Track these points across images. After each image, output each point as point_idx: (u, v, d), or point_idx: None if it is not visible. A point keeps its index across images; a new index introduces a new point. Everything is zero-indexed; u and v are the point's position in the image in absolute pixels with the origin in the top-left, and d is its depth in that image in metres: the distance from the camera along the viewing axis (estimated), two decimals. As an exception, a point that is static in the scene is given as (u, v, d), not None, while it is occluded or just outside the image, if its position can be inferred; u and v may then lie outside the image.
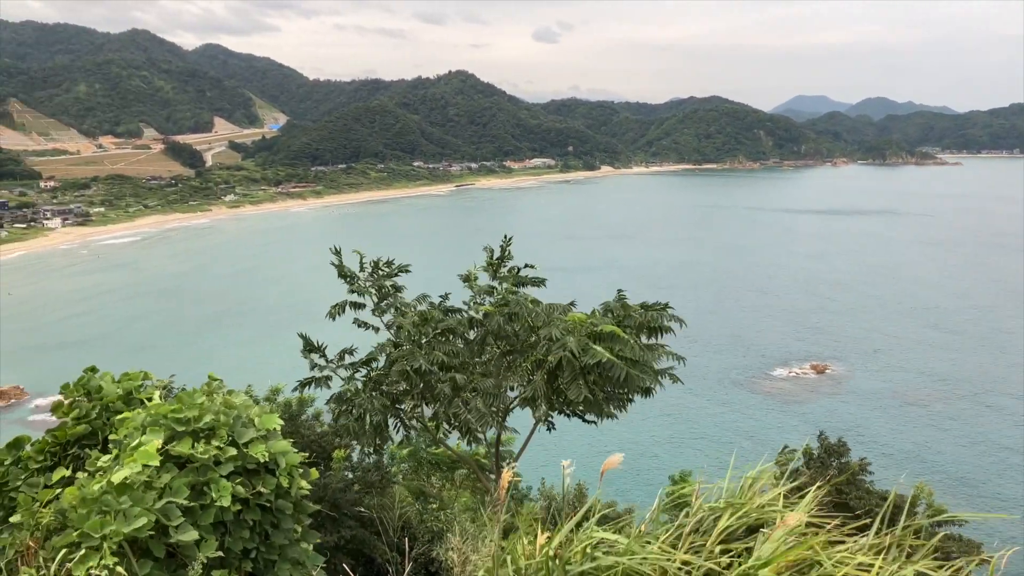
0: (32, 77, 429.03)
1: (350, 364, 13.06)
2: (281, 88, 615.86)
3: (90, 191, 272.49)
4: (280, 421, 7.12)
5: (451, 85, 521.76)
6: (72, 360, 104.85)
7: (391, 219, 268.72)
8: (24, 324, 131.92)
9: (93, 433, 7.30)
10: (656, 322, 12.79)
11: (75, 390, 7.49)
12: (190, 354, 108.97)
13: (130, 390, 7.53)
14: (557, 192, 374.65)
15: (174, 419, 6.51)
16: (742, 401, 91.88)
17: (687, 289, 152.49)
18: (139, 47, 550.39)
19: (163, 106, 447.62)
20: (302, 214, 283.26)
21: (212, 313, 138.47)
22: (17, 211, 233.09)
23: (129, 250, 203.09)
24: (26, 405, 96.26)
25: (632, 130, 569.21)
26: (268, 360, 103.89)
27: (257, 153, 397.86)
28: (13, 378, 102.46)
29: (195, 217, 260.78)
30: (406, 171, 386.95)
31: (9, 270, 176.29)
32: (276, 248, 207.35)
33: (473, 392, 12.18)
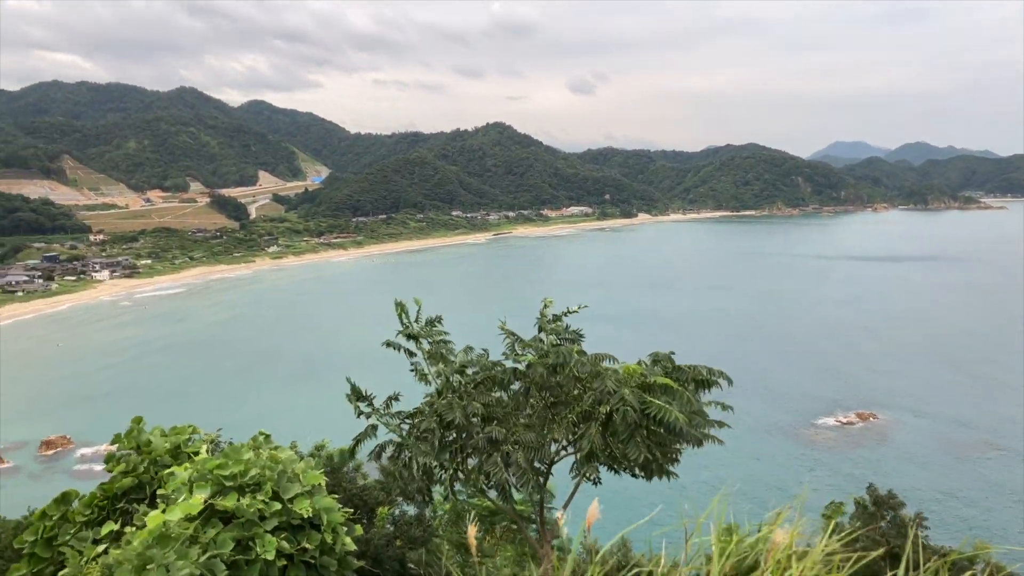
0: (85, 135, 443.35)
1: (396, 412, 12.97)
2: (323, 142, 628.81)
3: (138, 244, 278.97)
4: (324, 478, 7.11)
5: (489, 136, 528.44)
6: (117, 410, 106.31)
7: (429, 267, 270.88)
8: (72, 374, 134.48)
9: (141, 487, 7.36)
10: (704, 377, 12.63)
11: (125, 442, 7.57)
12: (232, 404, 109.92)
13: (178, 444, 7.60)
14: (593, 240, 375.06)
15: (220, 474, 6.54)
16: (786, 451, 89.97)
17: (728, 337, 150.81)
18: (187, 104, 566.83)
19: (209, 161, 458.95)
20: (342, 264, 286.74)
21: (252, 363, 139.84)
22: (68, 264, 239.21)
23: (173, 301, 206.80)
24: (72, 454, 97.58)
25: (669, 178, 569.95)
26: (310, 409, 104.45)
27: (300, 205, 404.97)
28: (61, 427, 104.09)
29: (239, 268, 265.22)
30: (445, 220, 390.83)
31: (59, 322, 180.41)
32: (316, 298, 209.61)
33: (515, 445, 12.01)
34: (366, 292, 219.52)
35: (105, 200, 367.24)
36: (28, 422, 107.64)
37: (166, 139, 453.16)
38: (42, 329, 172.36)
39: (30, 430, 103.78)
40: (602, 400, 11.68)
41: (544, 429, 12.35)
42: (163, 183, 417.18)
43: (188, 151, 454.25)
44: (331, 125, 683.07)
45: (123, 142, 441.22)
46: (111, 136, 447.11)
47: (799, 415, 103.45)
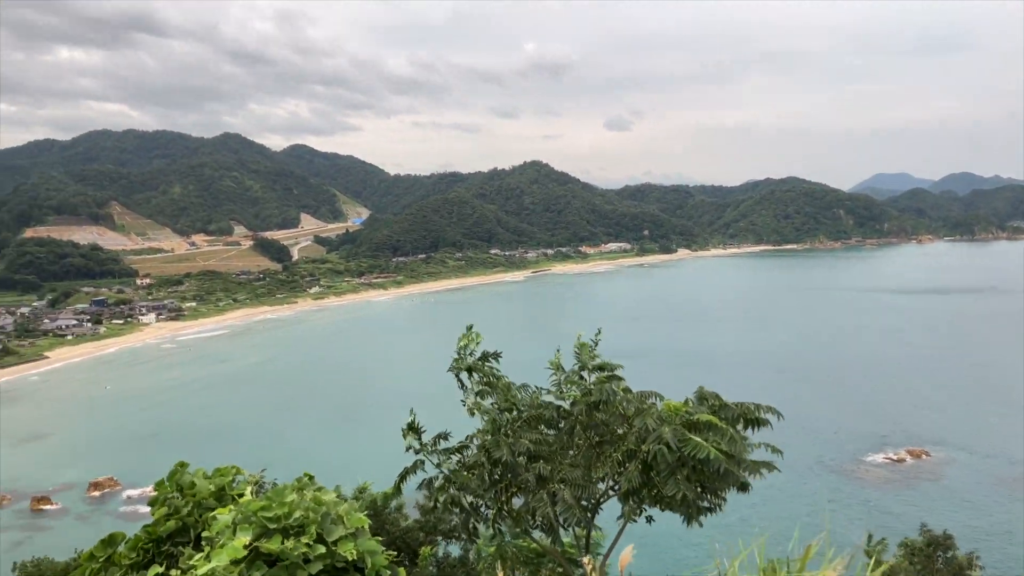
0: (132, 181, 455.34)
1: (444, 449, 12.88)
2: (364, 184, 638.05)
3: (183, 287, 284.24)
4: (367, 520, 7.03)
5: (526, 175, 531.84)
6: (162, 451, 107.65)
7: (468, 305, 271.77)
8: (119, 415, 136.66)
9: (185, 529, 7.34)
10: (752, 414, 12.28)
11: (168, 486, 7.57)
12: (274, 444, 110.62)
13: (222, 486, 7.57)
14: (632, 276, 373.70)
15: (264, 516, 6.49)
16: (835, 488, 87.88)
17: (768, 372, 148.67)
18: (230, 149, 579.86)
19: (252, 204, 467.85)
20: (383, 303, 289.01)
21: (292, 402, 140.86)
22: (115, 308, 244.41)
23: (217, 343, 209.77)
24: (119, 496, 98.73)
25: (708, 212, 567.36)
26: (350, 449, 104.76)
27: (341, 246, 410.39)
28: (108, 469, 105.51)
29: (281, 309, 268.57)
30: (483, 259, 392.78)
31: (107, 364, 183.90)
32: (356, 337, 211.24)
33: (561, 483, 11.82)
34: (405, 332, 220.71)
35: (151, 244, 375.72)
36: (77, 463, 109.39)
37: (210, 184, 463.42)
38: (91, 372, 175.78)
39: (79, 472, 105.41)
40: (645, 438, 11.46)
41: (590, 468, 12.14)
42: (208, 227, 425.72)
43: (232, 195, 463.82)
44: (371, 167, 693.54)
45: (169, 187, 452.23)
46: (157, 182, 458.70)
47: (846, 452, 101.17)
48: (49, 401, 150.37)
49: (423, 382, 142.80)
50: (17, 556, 21.01)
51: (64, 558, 18.86)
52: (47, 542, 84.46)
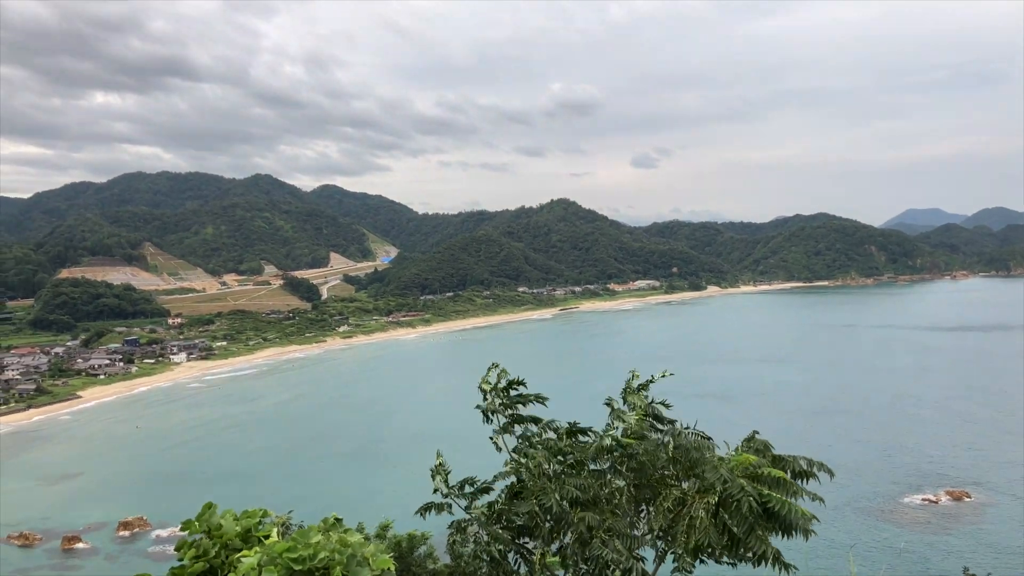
0: (165, 222, 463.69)
1: (469, 493, 12.64)
2: (392, 223, 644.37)
3: (214, 326, 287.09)
4: (393, 563, 6.91)
5: (553, 213, 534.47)
6: (191, 491, 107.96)
7: (495, 343, 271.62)
8: (149, 455, 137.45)
9: (212, 571, 7.25)
10: (804, 468, 12.05)
11: (195, 527, 7.50)
12: (301, 483, 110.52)
13: (249, 528, 7.49)
14: (660, 313, 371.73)
15: (289, 557, 6.39)
16: (869, 530, 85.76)
17: (796, 411, 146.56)
18: (262, 190, 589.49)
19: (283, 244, 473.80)
20: (410, 341, 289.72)
21: (319, 443, 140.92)
22: (147, 347, 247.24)
23: (246, 382, 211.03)
24: (148, 536, 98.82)
25: (738, 249, 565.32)
26: (374, 487, 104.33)
27: (370, 285, 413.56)
28: (138, 508, 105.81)
29: (311, 348, 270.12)
30: (511, 297, 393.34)
31: (138, 403, 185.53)
32: (383, 376, 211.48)
33: (608, 533, 11.54)
34: (432, 370, 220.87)
35: (183, 284, 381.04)
36: (107, 503, 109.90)
37: (242, 224, 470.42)
38: (122, 411, 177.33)
39: (109, 511, 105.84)
40: (708, 488, 11.16)
41: (632, 514, 11.88)
42: (239, 267, 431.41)
43: (263, 235, 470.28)
44: (399, 206, 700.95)
45: (201, 228, 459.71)
46: (190, 223, 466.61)
47: (881, 492, 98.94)
48: (80, 440, 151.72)
49: (449, 420, 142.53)
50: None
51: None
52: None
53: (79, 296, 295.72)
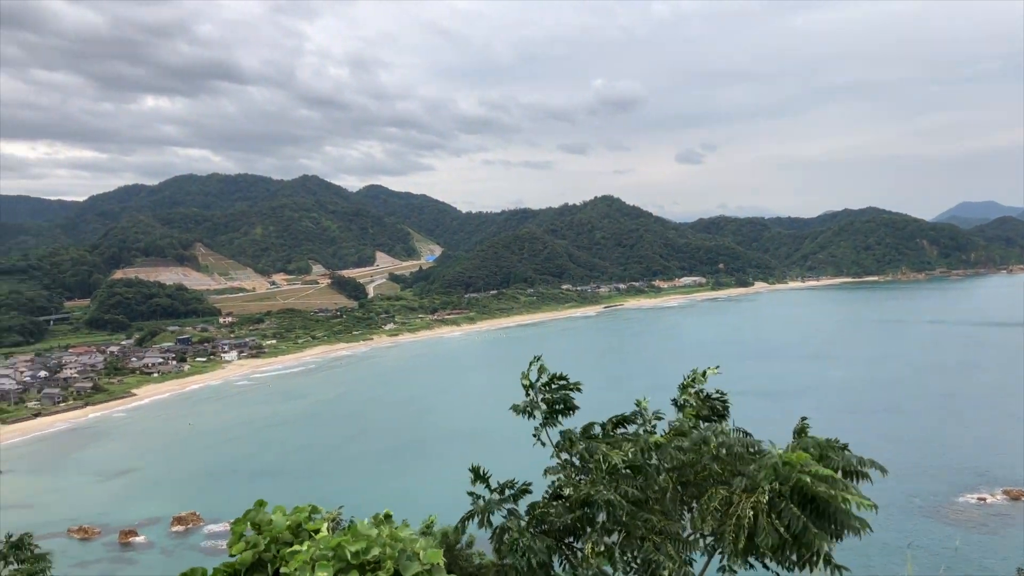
0: (215, 223, 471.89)
1: (511, 496, 12.73)
2: (436, 222, 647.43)
3: (263, 325, 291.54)
4: (442, 556, 7.10)
5: (597, 209, 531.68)
6: (241, 487, 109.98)
7: (539, 340, 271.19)
8: (201, 451, 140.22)
9: (262, 564, 7.50)
10: (854, 467, 11.82)
11: (246, 523, 7.78)
12: (350, 479, 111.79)
13: (298, 522, 7.75)
14: (706, 310, 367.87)
15: (342, 552, 6.62)
16: (926, 532, 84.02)
17: (857, 407, 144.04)
18: (309, 191, 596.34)
19: (330, 243, 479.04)
20: (455, 339, 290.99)
21: (365, 439, 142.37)
22: (199, 346, 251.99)
23: (296, 379, 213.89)
24: (201, 531, 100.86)
25: (785, 245, 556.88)
26: (424, 484, 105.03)
27: (415, 283, 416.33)
28: (191, 504, 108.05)
29: (358, 346, 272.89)
30: (555, 294, 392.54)
31: (190, 401, 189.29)
32: (428, 373, 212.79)
33: (659, 536, 11.57)
34: (476, 367, 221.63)
35: (233, 284, 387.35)
36: (161, 498, 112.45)
37: (290, 225, 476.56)
38: (175, 408, 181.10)
39: (163, 506, 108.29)
40: (756, 487, 11.06)
41: (679, 514, 11.86)
42: (287, 266, 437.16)
43: (310, 235, 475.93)
44: (443, 205, 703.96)
45: (250, 229, 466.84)
46: (239, 224, 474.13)
47: (935, 491, 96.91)
48: (135, 437, 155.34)
49: (493, 417, 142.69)
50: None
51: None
52: (134, 574, 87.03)
53: (133, 296, 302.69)
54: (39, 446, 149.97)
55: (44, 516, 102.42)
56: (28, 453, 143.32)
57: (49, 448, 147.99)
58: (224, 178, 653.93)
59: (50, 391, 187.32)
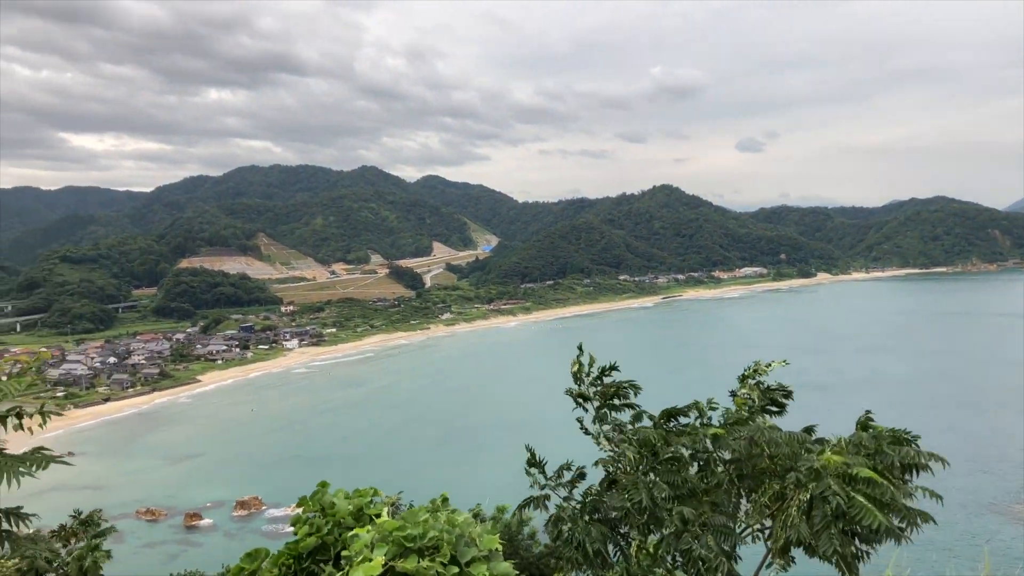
0: (277, 213, 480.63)
1: (567, 482, 12.61)
2: (493, 212, 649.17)
3: (323, 314, 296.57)
4: (500, 543, 7.01)
5: (655, 199, 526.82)
6: (302, 473, 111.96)
7: (595, 331, 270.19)
8: (262, 437, 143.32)
9: (325, 548, 7.54)
10: (913, 460, 11.32)
11: (311, 505, 7.80)
12: (407, 465, 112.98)
13: (360, 506, 7.73)
14: (766, 301, 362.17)
15: (400, 536, 6.58)
16: (994, 529, 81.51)
17: (924, 401, 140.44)
18: (368, 182, 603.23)
19: (388, 234, 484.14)
20: (511, 329, 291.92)
21: (420, 426, 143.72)
22: (261, 333, 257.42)
23: (354, 367, 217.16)
24: (263, 515, 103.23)
25: (849, 235, 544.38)
26: (476, 472, 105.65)
27: (471, 273, 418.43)
28: (253, 489, 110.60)
29: (415, 335, 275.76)
30: (612, 284, 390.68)
31: (253, 387, 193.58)
32: (484, 362, 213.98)
33: (703, 528, 11.33)
34: (531, 357, 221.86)
35: (294, 273, 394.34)
36: (225, 483, 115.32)
37: (349, 215, 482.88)
38: (238, 395, 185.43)
39: (226, 490, 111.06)
40: (805, 484, 10.78)
41: (731, 508, 11.60)
42: (346, 256, 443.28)
43: (369, 225, 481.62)
44: (500, 195, 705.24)
45: (311, 219, 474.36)
46: (300, 214, 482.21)
47: (1008, 489, 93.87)
48: (200, 422, 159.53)
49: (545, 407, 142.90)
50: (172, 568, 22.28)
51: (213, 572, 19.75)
52: (198, 556, 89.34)
53: (198, 285, 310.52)
54: (109, 430, 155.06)
55: (114, 498, 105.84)
56: (99, 436, 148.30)
57: (118, 432, 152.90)
58: (285, 169, 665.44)
59: (119, 376, 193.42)
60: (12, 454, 7.21)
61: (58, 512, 15.24)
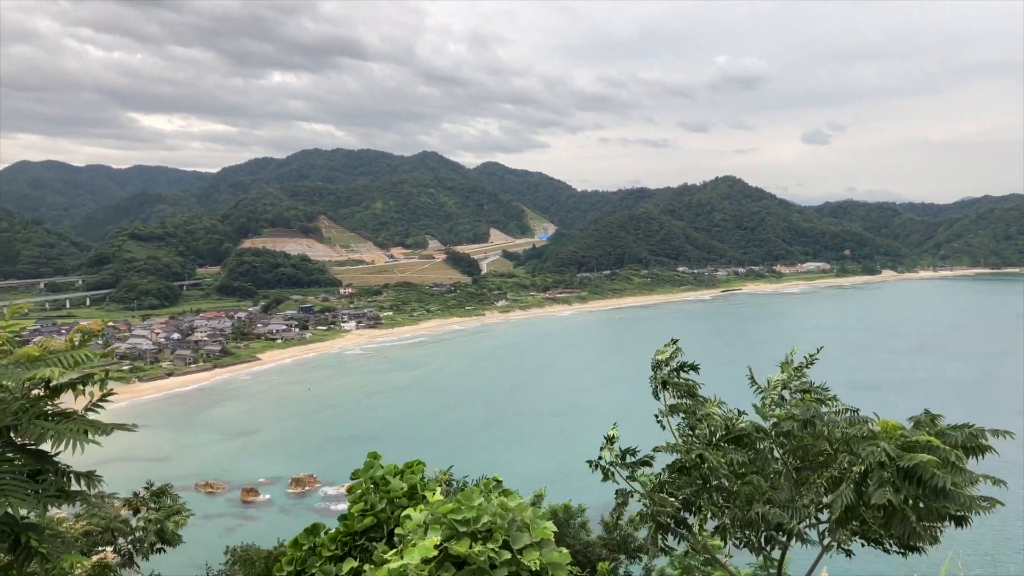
0: (339, 196, 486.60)
1: (631, 463, 12.55)
2: (551, 199, 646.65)
3: (381, 297, 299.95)
4: (554, 528, 6.99)
5: (717, 190, 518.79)
6: (356, 452, 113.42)
7: (651, 323, 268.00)
8: (319, 416, 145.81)
9: (379, 525, 7.64)
10: (975, 440, 10.89)
11: (364, 480, 7.92)
12: (459, 450, 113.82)
13: (414, 484, 7.82)
14: (827, 298, 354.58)
15: (453, 519, 6.60)
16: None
17: (975, 410, 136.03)
18: (428, 167, 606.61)
19: (446, 219, 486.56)
20: (566, 318, 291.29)
21: (476, 410, 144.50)
22: (320, 314, 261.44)
23: (410, 350, 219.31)
24: (317, 492, 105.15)
25: (917, 232, 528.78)
26: (527, 458, 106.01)
27: (527, 261, 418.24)
28: (308, 466, 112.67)
29: (469, 321, 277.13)
30: (670, 276, 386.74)
31: (311, 367, 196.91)
32: (538, 350, 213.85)
33: (767, 504, 11.19)
34: (586, 346, 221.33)
35: (353, 256, 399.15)
36: (281, 459, 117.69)
37: (408, 200, 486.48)
38: (296, 374, 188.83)
39: (284, 467, 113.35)
40: (857, 462, 10.56)
41: (791, 493, 11.42)
42: (405, 240, 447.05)
43: (428, 211, 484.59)
44: (559, 183, 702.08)
45: (371, 203, 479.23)
46: (361, 198, 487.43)
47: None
48: (259, 399, 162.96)
49: (599, 396, 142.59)
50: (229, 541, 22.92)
51: (268, 546, 20.23)
52: (254, 530, 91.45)
53: (260, 265, 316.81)
54: (171, 404, 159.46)
55: (175, 469, 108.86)
56: (162, 409, 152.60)
57: (180, 406, 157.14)
58: (347, 153, 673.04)
59: (182, 352, 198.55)
60: (81, 417, 7.44)
61: (122, 482, 15.72)
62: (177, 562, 18.09)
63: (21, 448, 7.45)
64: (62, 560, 7.22)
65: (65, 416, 7.56)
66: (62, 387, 7.61)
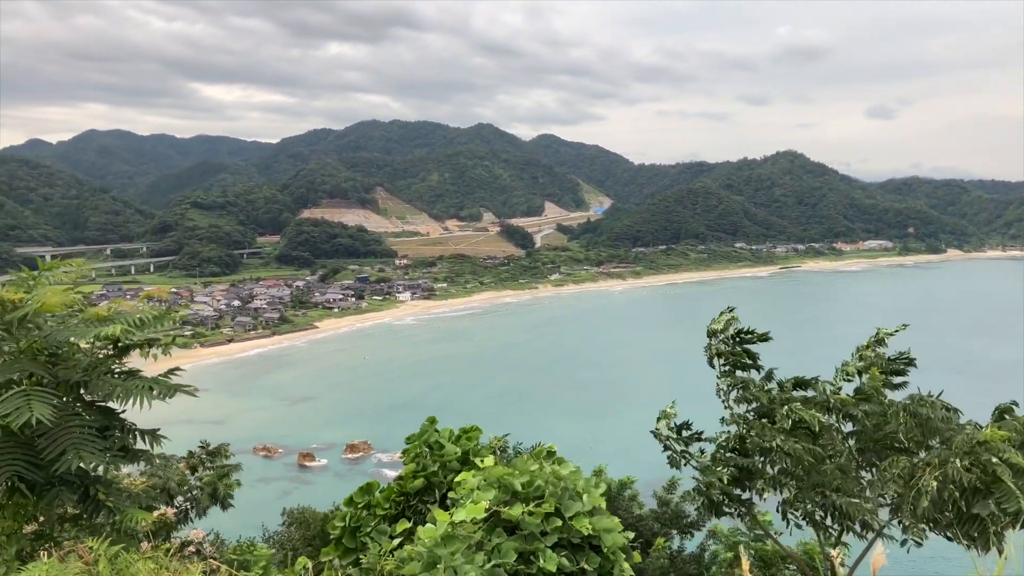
0: (395, 168, 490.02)
1: (686, 437, 12.51)
2: (607, 173, 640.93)
3: (435, 268, 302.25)
4: (604, 499, 7.02)
5: (778, 165, 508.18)
6: (410, 421, 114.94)
7: (706, 299, 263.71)
8: (374, 384, 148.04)
9: (431, 488, 7.78)
10: None
11: (418, 443, 8.05)
12: (511, 423, 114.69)
13: (467, 450, 7.91)
14: (888, 276, 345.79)
15: (507, 483, 6.67)
16: None
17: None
18: (483, 140, 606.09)
19: (501, 192, 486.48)
20: (618, 293, 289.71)
21: (528, 383, 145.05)
22: (376, 285, 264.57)
23: (463, 322, 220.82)
24: (371, 459, 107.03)
25: (986, 210, 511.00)
26: (583, 433, 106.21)
27: (582, 235, 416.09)
28: (363, 433, 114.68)
29: (522, 294, 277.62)
30: (727, 252, 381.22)
31: (366, 336, 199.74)
32: (591, 324, 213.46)
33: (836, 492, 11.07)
34: (640, 322, 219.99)
35: (409, 228, 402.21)
36: (337, 426, 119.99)
37: (464, 172, 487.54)
38: (352, 342, 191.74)
39: (339, 433, 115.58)
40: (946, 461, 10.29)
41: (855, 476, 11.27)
42: (459, 213, 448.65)
43: (483, 183, 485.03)
44: (615, 156, 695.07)
45: (427, 175, 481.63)
46: (417, 170, 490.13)
47: None
48: (315, 366, 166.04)
49: (650, 373, 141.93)
50: (286, 503, 23.50)
51: (324, 509, 20.70)
52: (310, 493, 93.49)
53: (318, 235, 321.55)
54: (232, 369, 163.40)
55: (234, 433, 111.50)
56: (222, 374, 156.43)
57: (240, 371, 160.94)
58: (404, 124, 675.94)
59: (242, 319, 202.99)
60: (145, 376, 7.67)
61: (185, 442, 16.19)
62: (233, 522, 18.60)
63: (90, 404, 7.75)
64: (127, 515, 7.49)
65: (131, 375, 7.83)
66: (129, 347, 7.87)
